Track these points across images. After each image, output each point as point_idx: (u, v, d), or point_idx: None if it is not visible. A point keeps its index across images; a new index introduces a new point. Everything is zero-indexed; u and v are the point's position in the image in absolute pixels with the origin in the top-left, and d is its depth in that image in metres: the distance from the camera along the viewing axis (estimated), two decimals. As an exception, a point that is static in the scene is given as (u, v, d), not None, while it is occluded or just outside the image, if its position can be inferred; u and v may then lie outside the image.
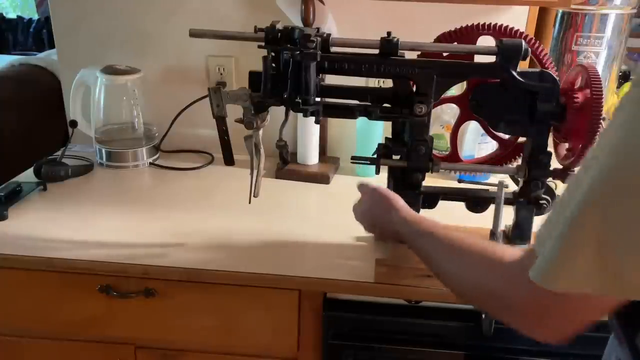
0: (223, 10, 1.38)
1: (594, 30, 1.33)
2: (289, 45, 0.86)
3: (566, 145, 0.96)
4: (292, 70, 0.86)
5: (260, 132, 0.95)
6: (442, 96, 0.92)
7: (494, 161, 1.02)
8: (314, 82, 0.87)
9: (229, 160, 0.99)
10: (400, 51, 0.89)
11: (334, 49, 0.90)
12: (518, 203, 0.96)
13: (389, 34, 0.88)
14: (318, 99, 0.90)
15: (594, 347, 0.96)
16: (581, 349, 0.95)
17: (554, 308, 0.53)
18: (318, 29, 0.90)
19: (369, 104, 0.92)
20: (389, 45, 0.88)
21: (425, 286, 0.92)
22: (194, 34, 0.90)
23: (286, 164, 0.94)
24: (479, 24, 0.94)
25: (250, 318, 1.01)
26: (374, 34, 0.93)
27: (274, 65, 0.89)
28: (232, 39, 0.92)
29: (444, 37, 0.95)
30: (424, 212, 0.98)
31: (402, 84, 0.90)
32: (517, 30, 0.93)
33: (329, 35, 0.89)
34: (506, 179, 0.94)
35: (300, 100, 0.87)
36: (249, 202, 0.96)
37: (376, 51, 0.89)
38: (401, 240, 0.82)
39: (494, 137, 1.01)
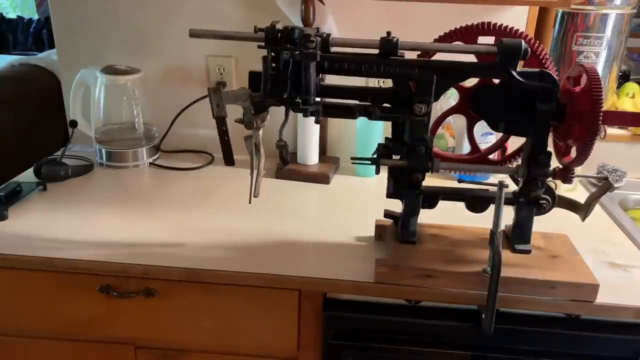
0: (223, 10, 1.38)
1: (594, 30, 1.33)
2: (288, 45, 0.86)
3: (567, 145, 0.96)
4: (292, 70, 0.86)
5: (261, 132, 0.95)
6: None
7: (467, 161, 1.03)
8: (313, 82, 0.86)
9: (228, 160, 0.99)
10: (400, 51, 0.89)
11: (333, 49, 0.90)
12: (518, 203, 0.96)
13: (388, 33, 0.88)
14: (318, 99, 0.90)
15: (594, 347, 0.96)
16: (581, 349, 0.95)
17: None
18: (318, 28, 0.90)
19: (369, 104, 0.92)
20: (388, 45, 0.87)
21: (425, 286, 0.92)
22: (194, 34, 0.90)
23: (286, 164, 0.93)
24: (479, 23, 0.94)
25: (250, 318, 1.01)
26: (374, 34, 0.92)
27: (273, 65, 0.88)
28: (231, 39, 0.92)
29: (444, 37, 0.95)
30: (424, 212, 0.98)
31: (402, 84, 0.90)
32: (517, 30, 0.93)
33: (328, 35, 0.88)
34: (506, 179, 0.94)
35: (300, 100, 0.87)
36: (249, 202, 0.96)
37: (376, 51, 0.89)
38: None
39: (470, 140, 1.02)
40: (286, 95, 0.88)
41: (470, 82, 0.95)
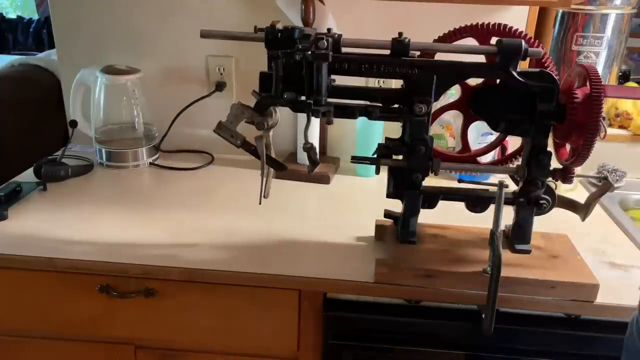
0: (222, 10, 1.38)
1: (594, 30, 1.33)
2: (300, 47, 0.86)
3: (567, 145, 0.96)
4: (305, 71, 0.86)
5: (271, 132, 0.94)
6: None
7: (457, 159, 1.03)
8: (325, 82, 0.86)
9: (278, 168, 0.98)
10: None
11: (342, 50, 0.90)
12: (518, 203, 0.96)
13: (400, 34, 0.88)
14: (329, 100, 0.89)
15: (594, 347, 0.96)
16: (581, 349, 0.95)
17: None
18: (329, 29, 0.90)
19: (369, 103, 0.92)
20: (400, 45, 0.87)
21: (425, 286, 0.92)
22: (205, 34, 0.90)
23: (316, 166, 0.94)
24: (484, 23, 0.93)
25: (250, 318, 1.01)
26: (374, 34, 0.92)
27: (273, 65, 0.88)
28: (241, 40, 0.91)
29: (451, 34, 0.95)
30: (424, 212, 0.98)
31: (411, 84, 0.89)
32: (513, 28, 0.93)
33: (340, 35, 0.88)
34: (506, 179, 0.94)
35: (311, 101, 0.87)
36: (260, 203, 0.95)
37: (380, 51, 0.89)
38: None
39: (463, 137, 1.02)
40: (304, 97, 0.88)
41: (474, 80, 0.95)
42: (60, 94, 1.53)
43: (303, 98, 0.90)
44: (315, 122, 1.35)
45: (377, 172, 0.97)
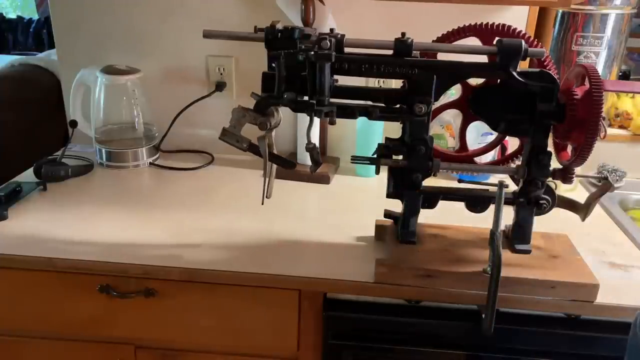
0: (222, 10, 1.38)
1: (594, 30, 1.33)
2: (302, 47, 0.86)
3: (567, 145, 0.96)
4: (307, 71, 0.86)
5: (273, 133, 0.94)
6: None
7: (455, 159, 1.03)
8: (328, 83, 0.86)
9: (288, 167, 0.98)
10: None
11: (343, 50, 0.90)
12: (518, 203, 0.96)
13: (403, 34, 0.88)
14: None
15: (594, 347, 0.96)
16: (581, 349, 0.95)
17: None
18: (332, 29, 0.90)
19: (369, 103, 0.92)
20: (403, 46, 0.87)
21: (425, 286, 0.92)
22: (208, 34, 0.90)
23: (319, 166, 0.94)
24: (488, 23, 0.93)
25: (250, 318, 1.01)
26: (374, 34, 0.92)
27: (273, 65, 0.88)
28: (244, 40, 0.91)
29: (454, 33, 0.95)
30: (424, 212, 0.98)
31: (411, 84, 0.89)
32: (517, 29, 0.93)
33: (343, 36, 0.88)
34: (506, 179, 0.94)
35: (314, 102, 0.87)
36: (262, 203, 0.95)
37: (382, 52, 0.89)
38: None
39: (461, 136, 1.02)
40: (307, 97, 0.88)
41: (475, 79, 0.95)
42: (60, 94, 1.53)
43: (305, 98, 0.90)
44: (316, 122, 1.35)
45: (377, 172, 0.97)
